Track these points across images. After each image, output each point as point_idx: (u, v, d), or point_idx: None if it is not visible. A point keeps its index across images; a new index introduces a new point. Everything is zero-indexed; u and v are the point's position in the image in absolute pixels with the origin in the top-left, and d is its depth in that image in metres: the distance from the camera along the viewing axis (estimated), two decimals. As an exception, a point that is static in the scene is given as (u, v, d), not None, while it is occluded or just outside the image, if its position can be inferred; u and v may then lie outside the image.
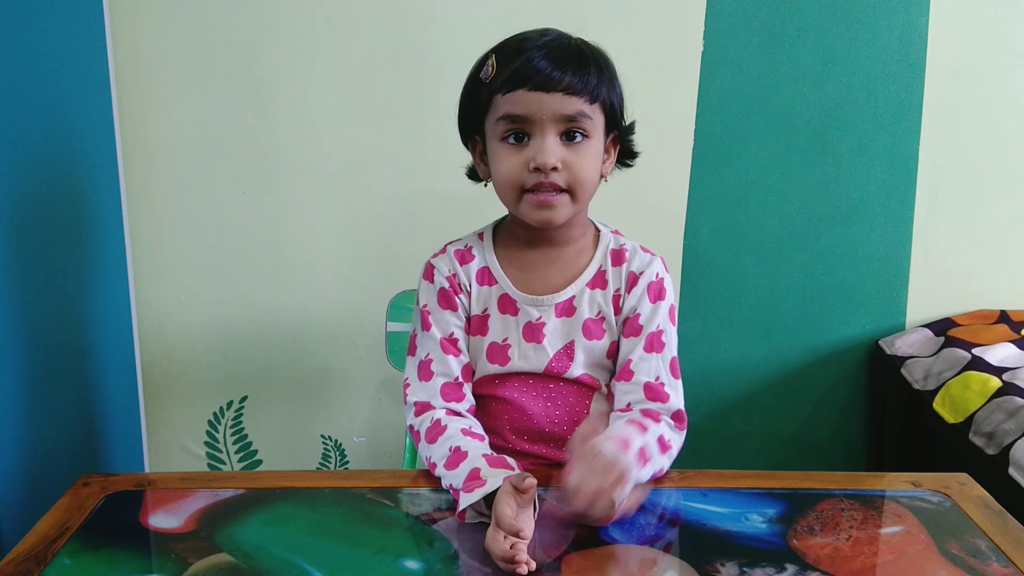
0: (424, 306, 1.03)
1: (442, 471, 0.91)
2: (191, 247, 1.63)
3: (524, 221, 0.98)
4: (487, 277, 1.03)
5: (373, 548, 0.82)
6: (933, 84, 1.61)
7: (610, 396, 1.02)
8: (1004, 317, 1.67)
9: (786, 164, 1.64)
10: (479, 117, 0.98)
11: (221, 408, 1.72)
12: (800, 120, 1.62)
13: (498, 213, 1.07)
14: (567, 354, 1.01)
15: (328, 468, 1.75)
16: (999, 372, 1.44)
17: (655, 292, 1.01)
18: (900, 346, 1.65)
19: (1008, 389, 1.38)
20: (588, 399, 1.02)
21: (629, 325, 1.01)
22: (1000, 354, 1.51)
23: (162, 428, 1.72)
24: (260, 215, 1.62)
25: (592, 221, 1.06)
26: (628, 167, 1.06)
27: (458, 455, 0.91)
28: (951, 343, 1.58)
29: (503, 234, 1.05)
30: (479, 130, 0.99)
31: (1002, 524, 0.86)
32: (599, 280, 1.02)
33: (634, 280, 1.01)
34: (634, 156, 1.05)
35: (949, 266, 1.69)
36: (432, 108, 1.57)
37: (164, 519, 0.87)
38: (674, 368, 1.01)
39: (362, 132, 1.59)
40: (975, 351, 1.52)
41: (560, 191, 0.95)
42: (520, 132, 0.94)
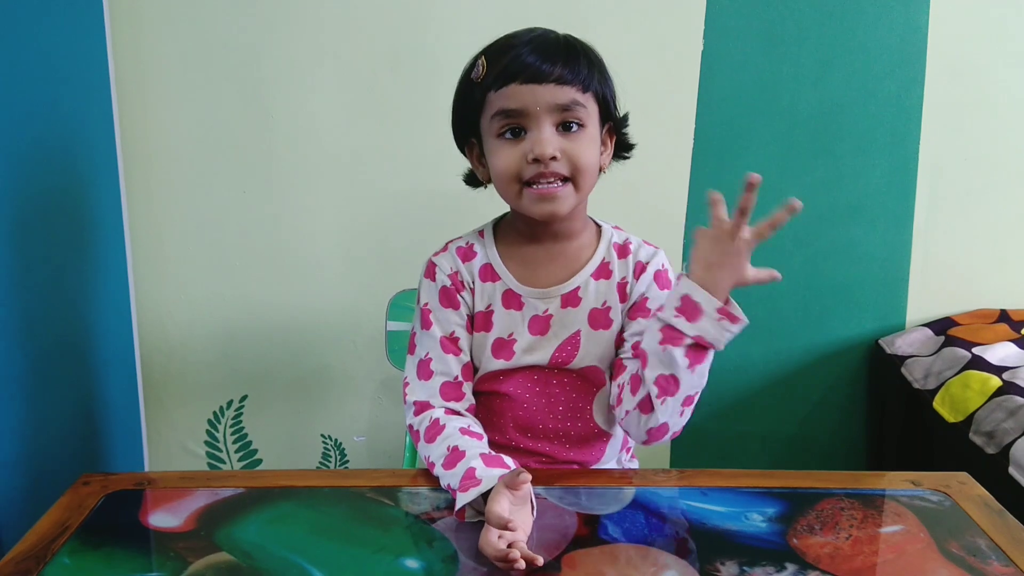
0: (425, 304, 1.03)
1: (440, 470, 0.91)
2: (191, 246, 1.63)
3: (526, 216, 0.98)
4: (490, 273, 1.03)
5: (373, 547, 0.82)
6: (933, 83, 1.61)
7: (617, 372, 1.00)
8: (1004, 316, 1.67)
9: (786, 163, 1.64)
10: (474, 117, 0.98)
11: (221, 407, 1.72)
12: (800, 119, 1.62)
13: (498, 211, 1.07)
14: (572, 344, 1.01)
15: (328, 467, 1.75)
16: (999, 371, 1.44)
17: (663, 281, 1.02)
18: (900, 345, 1.65)
19: (1008, 388, 1.38)
20: (590, 394, 1.02)
21: (636, 308, 1.01)
22: (1000, 353, 1.51)
23: (162, 427, 1.72)
24: (260, 214, 1.62)
25: (592, 219, 1.06)
26: (625, 159, 1.06)
27: (456, 454, 0.91)
28: (951, 342, 1.58)
29: (504, 230, 1.05)
30: (475, 131, 0.99)
31: (1002, 523, 0.86)
32: (603, 271, 1.02)
33: (641, 268, 1.01)
34: (630, 148, 1.05)
35: (949, 265, 1.69)
36: (432, 107, 1.57)
37: (164, 518, 0.87)
38: None
39: (362, 131, 1.59)
40: (975, 350, 1.52)
41: (561, 180, 0.95)
42: (516, 127, 0.94)
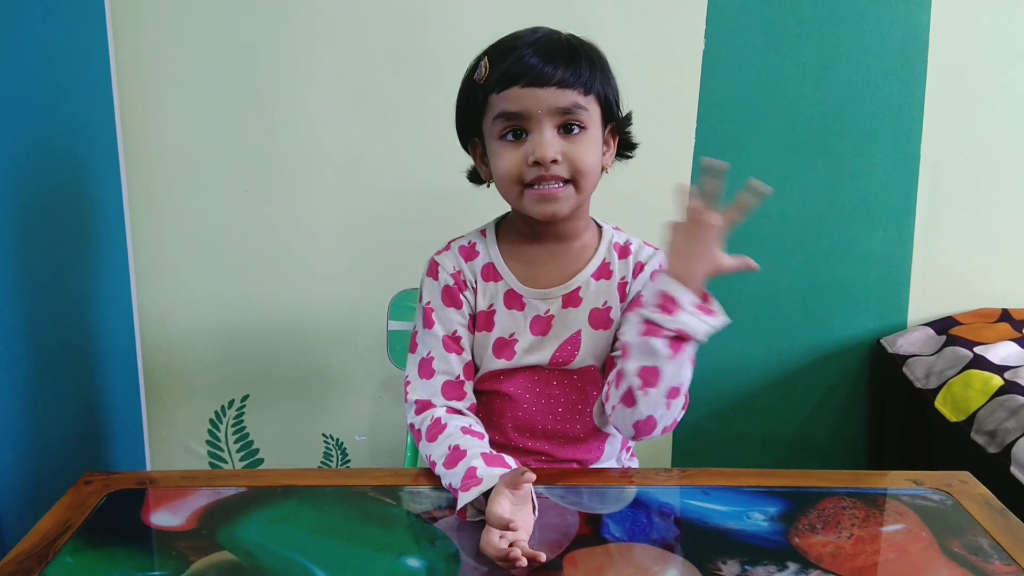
0: (427, 303, 1.03)
1: (441, 470, 0.91)
2: (192, 246, 1.63)
3: (528, 216, 0.98)
4: (492, 273, 1.03)
5: (374, 546, 0.82)
6: (934, 83, 1.61)
7: (609, 368, 1.00)
8: (1006, 316, 1.67)
9: (787, 163, 1.64)
10: (476, 118, 0.98)
11: (223, 407, 1.72)
12: (801, 119, 1.62)
13: (499, 210, 1.07)
14: (572, 344, 1.01)
15: (329, 467, 1.75)
16: (1001, 371, 1.44)
17: None
18: (901, 345, 1.65)
19: (1010, 388, 1.38)
20: (590, 395, 1.02)
21: (630, 306, 1.01)
22: (1002, 352, 1.51)
23: (164, 427, 1.72)
24: (261, 214, 1.62)
25: (593, 219, 1.06)
26: (628, 158, 1.06)
27: (457, 454, 0.91)
28: (952, 342, 1.58)
29: (506, 230, 1.05)
30: (477, 132, 1.00)
31: (1004, 522, 0.86)
32: (604, 271, 1.02)
33: (640, 268, 1.02)
34: (633, 147, 1.05)
35: (950, 265, 1.69)
36: (432, 107, 1.57)
37: (166, 517, 0.87)
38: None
39: (362, 131, 1.59)
40: (977, 350, 1.52)
41: (562, 182, 0.95)
42: (518, 129, 0.94)
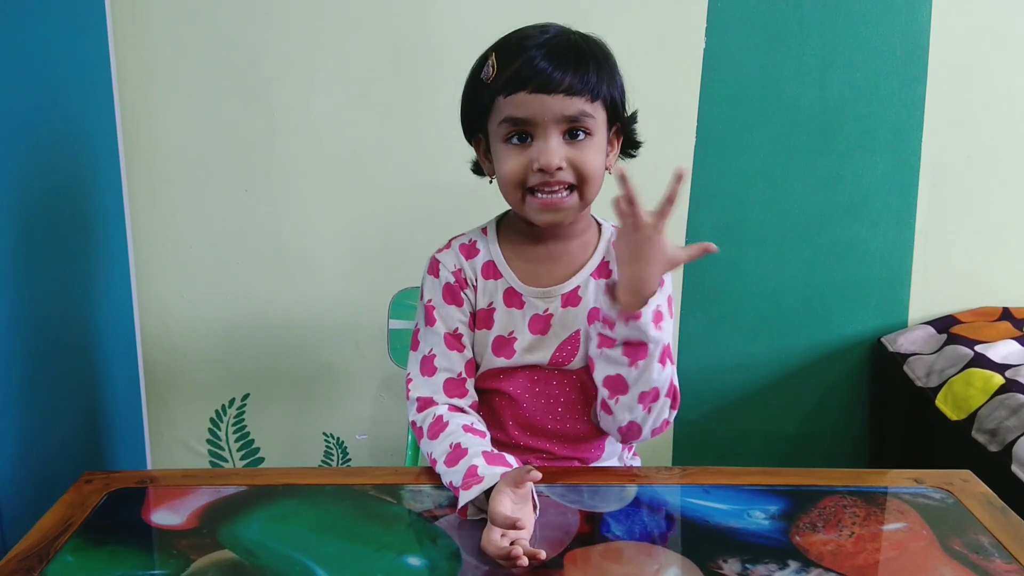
0: (428, 301, 1.03)
1: (442, 468, 0.91)
2: (193, 245, 1.63)
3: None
4: (492, 271, 1.03)
5: (375, 545, 0.82)
6: (935, 81, 1.60)
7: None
8: (1006, 314, 1.67)
9: (788, 161, 1.63)
10: (481, 117, 0.98)
11: (223, 405, 1.72)
12: (802, 117, 1.62)
13: (500, 208, 1.07)
14: (572, 344, 1.01)
15: (330, 465, 1.75)
16: (1001, 369, 1.44)
17: None
18: (902, 343, 1.64)
19: (1011, 386, 1.38)
20: (589, 395, 1.02)
21: (589, 318, 1.00)
22: (1002, 351, 1.51)
23: (164, 425, 1.72)
24: (262, 213, 1.62)
25: (594, 217, 1.06)
26: (632, 157, 1.06)
27: (458, 452, 0.91)
28: (953, 340, 1.58)
29: (507, 228, 1.05)
30: (482, 129, 1.00)
31: (1005, 520, 0.86)
32: (603, 270, 1.02)
33: None
34: (637, 146, 1.05)
35: (951, 263, 1.69)
36: (433, 104, 1.57)
37: (166, 516, 0.87)
38: (668, 353, 0.99)
39: (363, 129, 1.59)
40: (977, 348, 1.52)
41: (567, 188, 0.95)
42: (523, 133, 0.94)
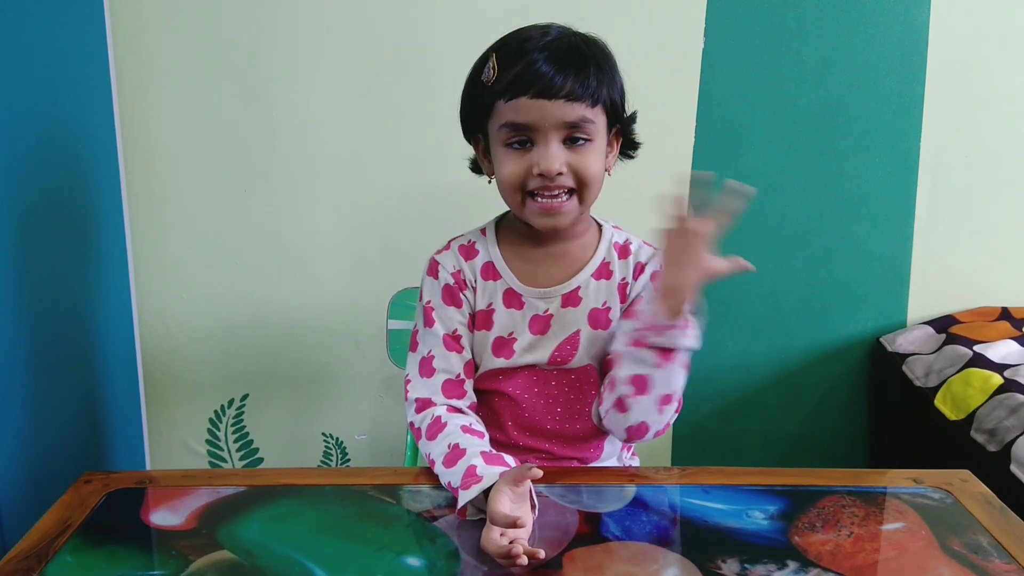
0: (428, 302, 1.03)
1: (441, 468, 0.91)
2: (192, 245, 1.63)
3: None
4: (491, 272, 1.03)
5: (374, 545, 0.82)
6: (934, 81, 1.60)
7: (606, 369, 1.00)
8: (1005, 314, 1.67)
9: (787, 161, 1.63)
10: (481, 118, 0.98)
11: (222, 406, 1.72)
12: (801, 117, 1.62)
13: (499, 209, 1.07)
14: (571, 344, 1.01)
15: (329, 466, 1.75)
16: (1000, 369, 1.44)
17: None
18: (901, 343, 1.65)
19: (1009, 386, 1.38)
20: (588, 395, 1.02)
21: (631, 309, 1.01)
22: (1001, 351, 1.51)
23: (163, 426, 1.72)
24: (261, 213, 1.62)
25: (593, 218, 1.06)
26: (631, 158, 1.06)
27: (456, 452, 0.91)
28: (952, 340, 1.58)
29: (506, 229, 1.05)
30: (482, 129, 1.00)
31: (1004, 520, 0.86)
32: (604, 271, 1.02)
33: (640, 269, 1.02)
34: (636, 147, 1.05)
35: (950, 263, 1.69)
36: (433, 104, 1.57)
37: (165, 516, 0.87)
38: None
39: (363, 129, 1.59)
40: (976, 348, 1.52)
41: (566, 193, 0.95)
42: (523, 138, 0.94)
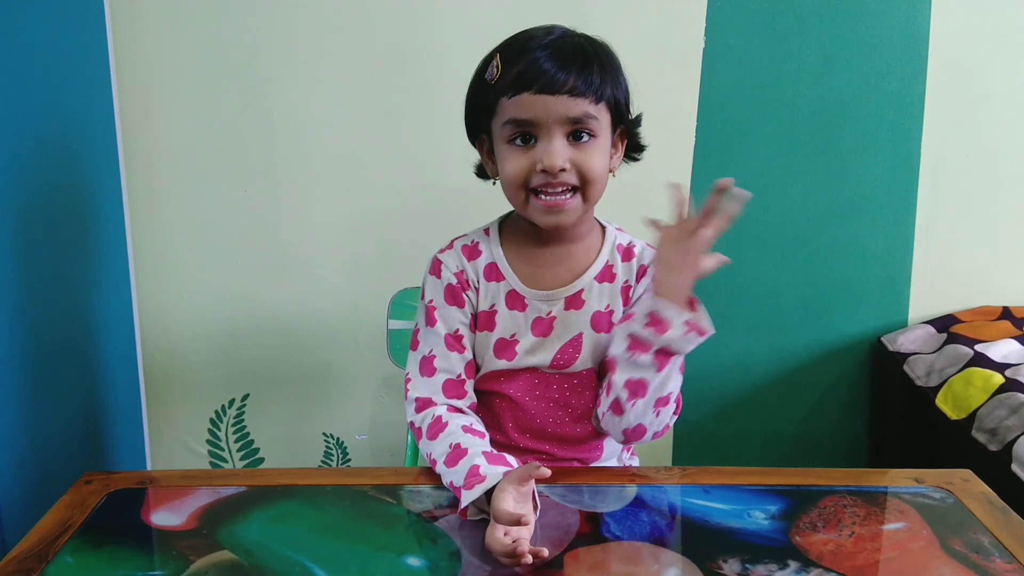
0: (430, 301, 1.03)
1: (442, 468, 0.91)
2: (193, 245, 1.63)
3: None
4: (494, 273, 1.02)
5: (375, 545, 0.82)
6: (935, 80, 1.60)
7: (603, 371, 1.00)
8: (1006, 313, 1.66)
9: (788, 160, 1.63)
10: (485, 117, 0.98)
11: (223, 406, 1.72)
12: (802, 116, 1.62)
13: (500, 209, 1.06)
14: (574, 347, 1.01)
15: (330, 466, 1.75)
16: (1001, 368, 1.44)
17: None
18: (902, 343, 1.64)
19: (1011, 385, 1.38)
20: (590, 398, 1.02)
21: (621, 318, 1.01)
22: (1002, 350, 1.51)
23: (164, 426, 1.72)
24: (261, 213, 1.62)
25: (597, 219, 1.06)
26: (636, 160, 1.05)
27: (458, 452, 0.91)
28: (953, 339, 1.58)
29: (510, 230, 1.05)
30: (486, 129, 0.99)
31: (1005, 520, 0.86)
32: (607, 274, 1.02)
33: (643, 272, 1.02)
34: (641, 150, 1.05)
35: (951, 262, 1.69)
36: (433, 105, 1.57)
37: (166, 517, 0.87)
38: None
39: (363, 130, 1.59)
40: (977, 347, 1.52)
41: (570, 190, 0.95)
42: (527, 135, 0.94)
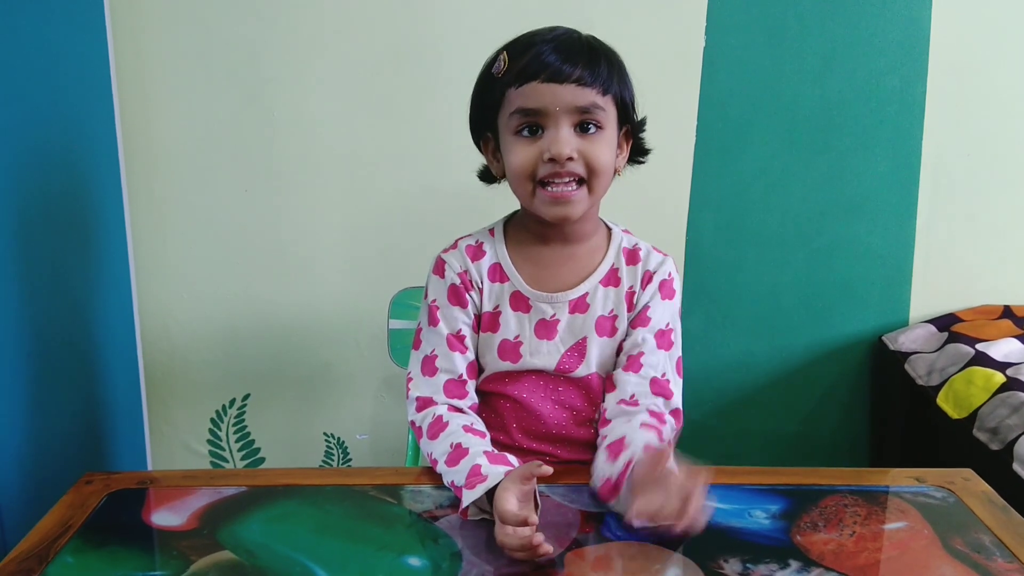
0: (433, 301, 1.02)
1: (443, 467, 0.91)
2: (193, 245, 1.63)
3: (538, 216, 0.97)
4: (499, 274, 1.02)
5: (376, 545, 0.82)
6: (936, 79, 1.60)
7: (610, 384, 1.01)
8: (1008, 312, 1.66)
9: (788, 160, 1.63)
10: (492, 112, 0.97)
11: (224, 406, 1.72)
12: (802, 115, 1.62)
13: (501, 209, 1.06)
14: (578, 351, 1.00)
15: (330, 466, 1.75)
16: (1003, 367, 1.44)
17: (667, 290, 1.02)
18: (903, 342, 1.64)
19: (1012, 384, 1.38)
20: (594, 402, 1.02)
21: (638, 318, 1.01)
22: (1004, 349, 1.50)
23: (165, 426, 1.72)
24: (262, 213, 1.62)
25: (603, 220, 1.06)
26: (640, 164, 1.05)
27: (459, 451, 0.91)
28: (954, 339, 1.58)
29: (515, 230, 1.04)
30: (491, 126, 0.99)
31: (1006, 519, 0.86)
32: (612, 278, 1.01)
33: (648, 278, 1.01)
34: (646, 153, 1.05)
35: (952, 261, 1.69)
36: (434, 105, 1.57)
37: (167, 517, 0.87)
38: (678, 367, 1.02)
39: (364, 129, 1.59)
40: (979, 346, 1.52)
41: (576, 181, 0.94)
42: (534, 125, 0.94)
